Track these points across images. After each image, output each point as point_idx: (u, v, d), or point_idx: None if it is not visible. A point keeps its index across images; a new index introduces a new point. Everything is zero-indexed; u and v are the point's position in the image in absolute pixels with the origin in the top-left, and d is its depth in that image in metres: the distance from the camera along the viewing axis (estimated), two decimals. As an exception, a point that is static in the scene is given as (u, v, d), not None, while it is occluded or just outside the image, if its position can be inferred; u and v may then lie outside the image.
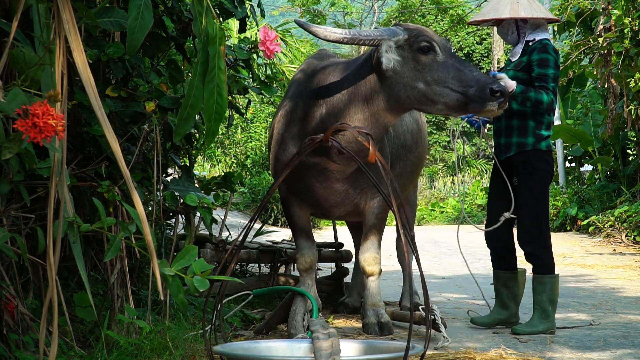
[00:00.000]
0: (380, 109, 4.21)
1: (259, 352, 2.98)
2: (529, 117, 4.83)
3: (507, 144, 4.90)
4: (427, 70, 4.07)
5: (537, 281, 4.82)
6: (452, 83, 4.05)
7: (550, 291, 4.79)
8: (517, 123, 4.85)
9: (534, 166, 4.85)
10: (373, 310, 4.65)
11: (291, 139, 4.54)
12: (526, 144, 4.84)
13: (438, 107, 4.11)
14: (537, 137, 4.85)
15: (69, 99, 3.07)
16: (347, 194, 4.62)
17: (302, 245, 4.81)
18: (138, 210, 2.35)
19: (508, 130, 4.89)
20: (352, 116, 4.24)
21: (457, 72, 4.07)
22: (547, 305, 4.77)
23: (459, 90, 4.03)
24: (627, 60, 10.63)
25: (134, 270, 4.27)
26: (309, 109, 4.44)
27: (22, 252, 2.71)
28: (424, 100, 4.10)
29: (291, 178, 4.48)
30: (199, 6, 2.54)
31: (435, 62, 4.09)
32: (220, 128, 4.98)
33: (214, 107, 2.61)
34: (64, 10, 2.29)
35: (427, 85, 4.07)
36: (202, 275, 2.36)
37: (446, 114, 4.20)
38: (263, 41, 3.71)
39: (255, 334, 4.45)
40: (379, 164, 2.97)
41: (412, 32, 4.17)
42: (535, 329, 4.71)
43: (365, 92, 4.22)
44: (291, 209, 4.78)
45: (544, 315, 4.77)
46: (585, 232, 13.84)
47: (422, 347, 2.77)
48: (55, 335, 2.36)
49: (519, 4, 4.84)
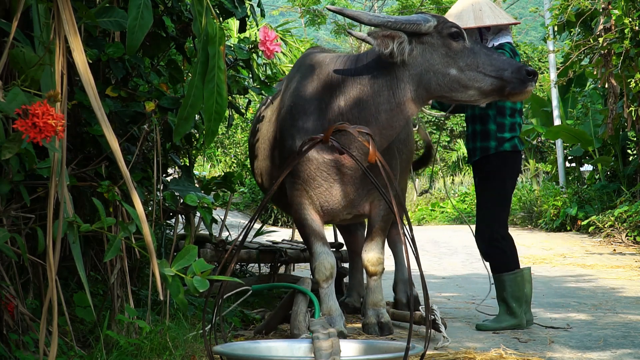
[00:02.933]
0: (407, 99, 4.15)
1: (259, 352, 2.98)
2: (490, 121, 4.91)
3: (473, 148, 5.00)
4: (459, 56, 4.08)
5: (495, 279, 4.94)
6: (484, 68, 4.07)
7: (511, 288, 4.84)
8: (480, 128, 4.95)
9: (492, 170, 4.93)
10: (374, 310, 4.58)
11: (305, 132, 4.33)
12: (489, 148, 4.92)
13: (470, 93, 4.11)
14: (499, 140, 4.91)
15: (69, 99, 3.07)
16: (359, 194, 4.48)
17: (319, 251, 4.44)
18: (138, 210, 2.35)
19: (474, 136, 4.99)
20: (377, 107, 4.16)
21: (487, 57, 4.10)
22: (511, 301, 4.84)
23: (492, 74, 4.07)
24: (628, 60, 10.62)
25: (134, 270, 4.27)
26: (324, 101, 4.32)
27: (22, 252, 2.71)
28: (456, 86, 4.08)
29: (303, 178, 4.39)
30: (199, 6, 2.54)
31: (465, 48, 4.10)
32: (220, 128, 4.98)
33: (214, 107, 2.60)
34: (64, 10, 2.29)
35: (460, 71, 4.07)
36: (202, 275, 2.36)
37: (475, 100, 4.17)
38: (263, 41, 3.70)
39: (255, 334, 4.45)
40: (379, 164, 2.96)
41: (439, 19, 4.16)
42: (500, 325, 4.82)
43: (390, 82, 4.15)
44: (304, 211, 4.47)
45: (509, 311, 4.84)
46: (585, 232, 13.84)
47: (422, 347, 2.76)
48: (55, 335, 2.36)
49: (482, 11, 4.87)
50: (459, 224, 19.11)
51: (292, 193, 4.51)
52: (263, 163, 5.02)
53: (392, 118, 4.17)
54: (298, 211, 4.51)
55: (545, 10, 16.15)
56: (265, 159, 4.97)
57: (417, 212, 21.25)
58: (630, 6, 10.34)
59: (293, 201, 4.52)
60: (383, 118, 4.18)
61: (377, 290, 4.62)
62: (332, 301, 4.38)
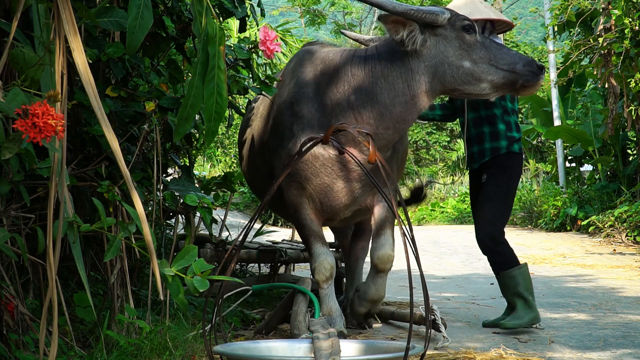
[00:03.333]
0: (421, 91, 4.12)
1: (259, 352, 2.98)
2: (499, 121, 4.94)
3: (481, 151, 4.97)
4: (473, 49, 4.10)
5: (505, 276, 4.87)
6: (497, 61, 4.10)
7: (524, 281, 4.83)
8: (489, 129, 4.95)
9: (505, 165, 4.93)
10: (371, 304, 4.56)
11: (310, 127, 4.23)
12: (499, 147, 4.93)
13: (482, 86, 4.12)
14: (510, 139, 4.94)
15: (69, 99, 3.07)
16: (364, 190, 4.38)
17: (318, 252, 4.37)
18: (138, 210, 2.35)
19: (479, 138, 4.97)
20: (392, 100, 4.11)
21: (499, 50, 4.14)
22: (527, 295, 4.81)
23: (504, 67, 4.10)
24: (628, 60, 10.62)
25: (134, 270, 4.27)
26: (330, 97, 4.23)
27: (22, 252, 2.71)
28: (470, 79, 4.09)
29: (305, 176, 4.30)
30: (199, 6, 2.54)
31: (477, 41, 4.13)
32: (220, 128, 4.98)
33: (214, 107, 2.60)
34: (64, 10, 2.29)
35: (474, 64, 4.09)
36: (202, 275, 2.36)
37: (487, 94, 4.18)
38: (263, 41, 3.70)
39: (255, 334, 4.44)
40: (379, 164, 2.96)
41: (452, 11, 4.17)
42: (522, 321, 4.74)
43: (405, 74, 4.11)
44: (303, 212, 4.39)
45: (527, 304, 4.80)
46: (585, 232, 13.84)
47: (422, 347, 2.76)
48: (55, 335, 2.36)
49: (482, 5, 4.89)
50: (459, 224, 19.12)
51: (290, 192, 4.40)
52: (255, 160, 4.89)
53: (407, 111, 4.13)
54: (296, 211, 4.42)
55: (545, 10, 16.17)
56: (258, 155, 4.81)
57: (417, 212, 21.25)
58: (630, 6, 10.35)
59: (291, 201, 4.43)
60: (397, 111, 4.13)
61: (381, 287, 4.49)
62: (332, 301, 4.33)
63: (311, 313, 4.28)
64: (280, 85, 4.56)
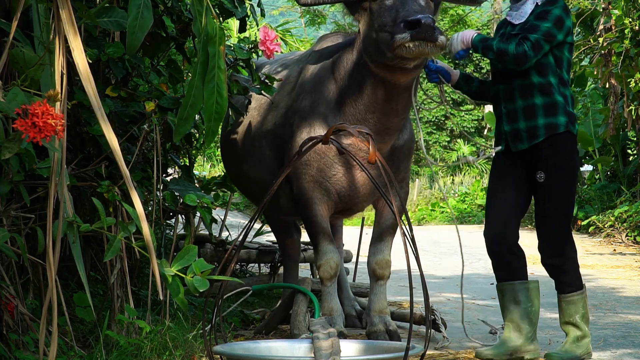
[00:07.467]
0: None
1: (259, 352, 2.98)
2: (555, 92, 3.90)
3: (531, 128, 3.90)
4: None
5: (566, 301, 3.97)
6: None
7: (584, 309, 3.99)
8: (542, 100, 3.89)
9: (566, 157, 3.91)
10: (380, 317, 4.30)
11: (324, 120, 4.19)
12: (557, 125, 3.88)
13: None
14: (570, 116, 3.92)
15: (68, 98, 3.07)
16: (382, 180, 4.27)
17: (325, 250, 4.26)
18: (138, 210, 2.35)
19: (528, 111, 3.91)
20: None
21: None
22: (583, 325, 3.97)
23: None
24: (628, 60, 10.63)
25: (134, 270, 4.27)
26: (348, 92, 4.14)
27: (22, 252, 2.72)
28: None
29: (318, 168, 4.20)
30: (199, 6, 2.54)
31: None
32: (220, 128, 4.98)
33: (214, 107, 2.60)
34: (63, 10, 2.29)
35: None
36: (202, 275, 2.36)
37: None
38: (263, 41, 3.70)
39: (255, 334, 4.45)
40: (379, 164, 2.96)
41: None
42: (573, 354, 3.90)
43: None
44: (314, 207, 4.25)
45: (582, 335, 3.97)
46: (586, 232, 13.84)
47: (422, 347, 2.76)
48: (55, 335, 2.36)
49: None
50: (459, 224, 19.11)
51: (302, 186, 4.26)
52: (261, 152, 4.67)
53: (414, 98, 4.18)
54: (307, 207, 4.28)
55: (545, 10, 16.14)
56: (265, 147, 4.62)
57: (417, 212, 21.25)
58: (630, 6, 10.35)
59: (302, 196, 4.29)
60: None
61: (382, 297, 4.35)
62: (333, 301, 4.28)
63: (311, 313, 4.28)
64: (297, 76, 4.54)
